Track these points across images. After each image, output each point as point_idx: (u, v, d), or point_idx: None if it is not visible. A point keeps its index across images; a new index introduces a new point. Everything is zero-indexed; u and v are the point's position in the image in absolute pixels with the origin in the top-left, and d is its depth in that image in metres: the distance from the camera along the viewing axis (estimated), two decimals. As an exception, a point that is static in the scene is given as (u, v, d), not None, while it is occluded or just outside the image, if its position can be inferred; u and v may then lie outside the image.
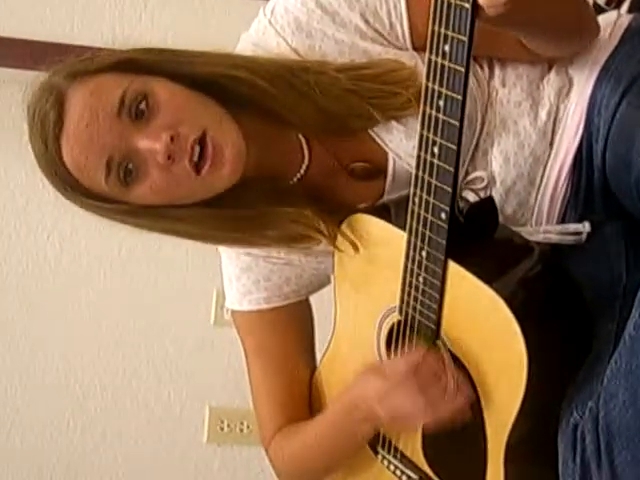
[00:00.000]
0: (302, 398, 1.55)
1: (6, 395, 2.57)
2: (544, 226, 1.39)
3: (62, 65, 1.32)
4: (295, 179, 1.42)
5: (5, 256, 2.52)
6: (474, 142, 1.36)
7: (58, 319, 2.56)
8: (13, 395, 2.57)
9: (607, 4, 1.67)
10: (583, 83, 1.38)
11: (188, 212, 1.36)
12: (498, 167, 1.37)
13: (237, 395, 2.49)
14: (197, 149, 1.28)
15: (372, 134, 1.38)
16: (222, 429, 2.63)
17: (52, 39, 2.24)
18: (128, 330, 2.59)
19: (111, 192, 1.30)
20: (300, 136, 1.41)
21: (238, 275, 1.52)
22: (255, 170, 1.37)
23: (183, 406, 2.63)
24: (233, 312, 1.56)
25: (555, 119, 1.38)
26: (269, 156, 1.40)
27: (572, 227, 1.38)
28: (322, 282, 1.54)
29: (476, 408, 1.28)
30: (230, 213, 1.38)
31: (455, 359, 1.28)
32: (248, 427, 2.60)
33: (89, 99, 1.28)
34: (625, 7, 1.64)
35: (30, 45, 2.24)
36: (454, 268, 1.22)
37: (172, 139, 1.26)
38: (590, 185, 1.38)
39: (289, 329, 1.54)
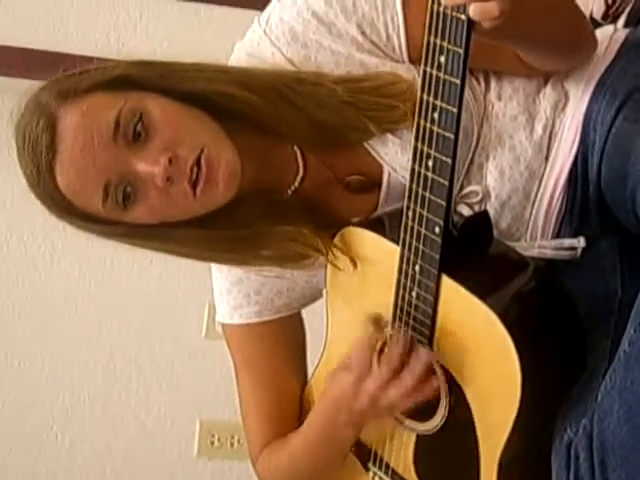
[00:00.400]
0: (292, 413, 1.53)
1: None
2: (539, 241, 1.38)
3: (51, 82, 1.30)
4: (289, 191, 1.41)
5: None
6: (469, 156, 1.35)
7: (48, 331, 2.54)
8: (1, 407, 2.55)
9: (603, 18, 1.67)
10: (579, 97, 1.38)
11: (182, 233, 1.35)
12: (493, 181, 1.36)
13: (228, 409, 2.47)
14: (195, 171, 1.27)
15: (367, 147, 1.37)
16: (213, 443, 2.62)
17: (46, 47, 2.23)
18: (119, 342, 2.57)
19: (107, 215, 1.29)
20: (295, 148, 1.40)
21: (229, 288, 1.51)
22: (250, 184, 1.36)
23: (174, 419, 2.62)
24: (224, 326, 1.55)
25: (551, 133, 1.37)
26: (264, 169, 1.38)
27: (567, 242, 1.37)
28: (314, 295, 1.53)
29: (469, 425, 1.26)
30: (225, 234, 1.37)
31: (447, 374, 1.27)
32: (239, 441, 2.59)
33: (82, 121, 1.25)
34: (621, 22, 1.64)
35: (24, 53, 2.23)
36: (448, 283, 1.21)
37: (170, 161, 1.25)
38: (585, 199, 1.37)
39: (280, 343, 1.53)
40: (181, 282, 2.52)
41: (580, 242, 1.36)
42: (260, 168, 1.37)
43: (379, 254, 1.33)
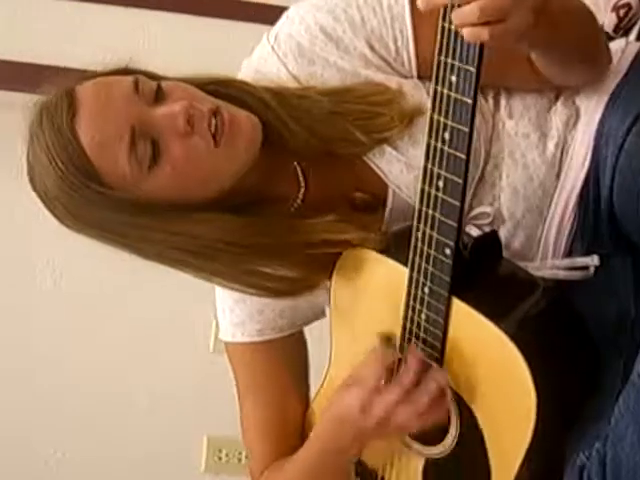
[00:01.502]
0: (294, 434, 1.51)
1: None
2: (551, 261, 1.36)
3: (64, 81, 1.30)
4: (293, 208, 1.39)
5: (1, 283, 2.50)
6: (477, 176, 1.34)
7: (55, 346, 2.54)
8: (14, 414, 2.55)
9: (614, 32, 1.65)
10: (590, 113, 1.36)
11: (204, 215, 1.31)
12: (507, 200, 1.34)
13: (236, 425, 2.44)
14: (214, 121, 1.26)
15: (370, 164, 1.36)
16: (220, 459, 2.62)
17: (50, 62, 2.23)
18: (126, 357, 2.56)
19: (132, 175, 1.25)
20: (295, 164, 1.38)
21: (231, 306, 1.49)
22: (253, 196, 1.35)
23: (181, 435, 2.60)
24: (226, 344, 1.54)
25: (563, 150, 1.36)
26: (265, 181, 1.37)
27: (580, 261, 1.35)
28: (317, 314, 1.51)
29: (480, 448, 1.25)
30: (246, 222, 1.34)
31: (458, 397, 1.25)
32: (247, 457, 2.54)
33: (102, 84, 1.27)
34: (633, 35, 1.62)
35: (24, 67, 2.24)
36: (458, 305, 1.20)
37: (190, 106, 1.25)
38: (597, 217, 1.36)
39: (282, 362, 1.52)
40: (188, 296, 2.49)
41: (594, 260, 1.34)
42: (261, 180, 1.36)
43: (385, 275, 1.31)
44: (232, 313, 1.50)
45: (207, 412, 2.56)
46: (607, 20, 1.64)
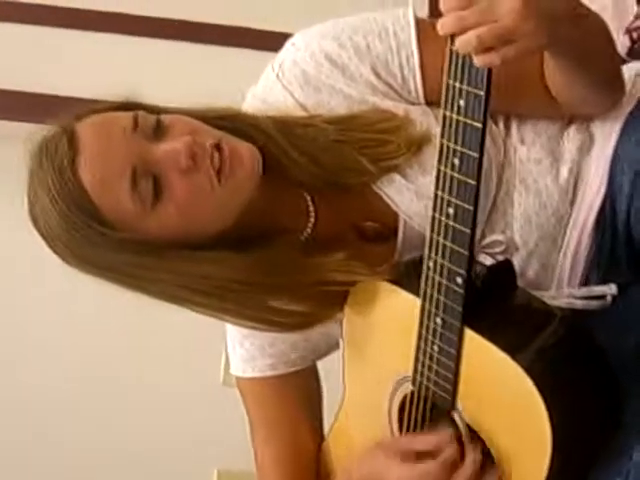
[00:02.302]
0: (308, 469, 1.50)
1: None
2: (567, 289, 1.34)
3: (62, 115, 1.29)
4: (303, 238, 1.36)
5: (8, 313, 2.50)
6: (489, 203, 1.32)
7: (65, 375, 2.53)
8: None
9: (628, 55, 1.63)
10: (605, 138, 1.34)
11: (211, 254, 1.28)
12: (520, 228, 1.32)
13: (246, 458, 2.41)
14: (216, 154, 1.24)
15: (380, 193, 1.34)
16: (230, 493, 2.59)
17: (48, 91, 2.23)
18: (134, 389, 2.56)
19: (134, 214, 1.23)
20: (305, 194, 1.36)
21: (241, 340, 1.47)
22: (262, 227, 1.33)
23: (191, 469, 2.59)
24: (237, 379, 1.52)
25: (577, 176, 1.33)
26: (275, 212, 1.35)
27: (597, 290, 1.33)
28: (330, 347, 1.49)
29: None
30: (254, 260, 1.31)
31: (471, 430, 1.23)
32: (257, 491, 2.54)
33: (101, 124, 1.25)
34: (647, 59, 1.60)
35: (22, 97, 2.24)
36: (471, 336, 1.17)
37: (192, 142, 1.23)
38: (614, 245, 1.33)
39: (295, 397, 1.49)
40: (197, 327, 2.47)
41: (611, 289, 1.32)
42: (268, 211, 1.33)
43: (397, 306, 1.28)
44: (242, 347, 1.48)
45: (217, 446, 2.56)
46: (620, 43, 1.63)
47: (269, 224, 1.34)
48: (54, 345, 2.52)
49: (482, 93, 1.03)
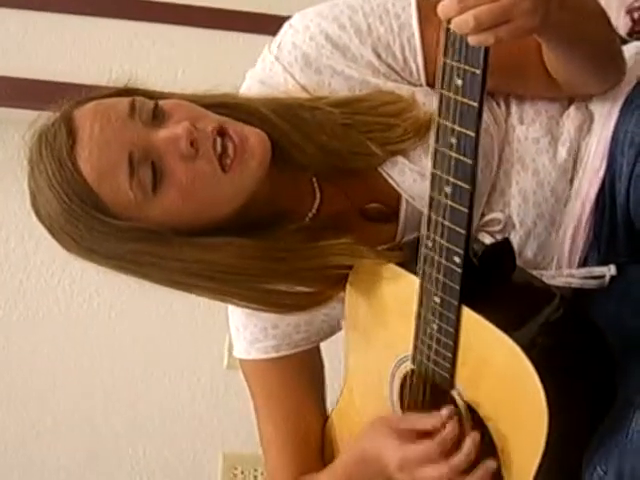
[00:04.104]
0: (314, 448, 1.50)
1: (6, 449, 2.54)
2: (567, 270, 1.34)
3: (61, 102, 1.28)
4: (307, 219, 1.36)
5: (15, 300, 2.50)
6: (490, 182, 1.32)
7: (68, 363, 2.53)
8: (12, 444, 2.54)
9: (629, 35, 1.62)
10: (604, 118, 1.34)
11: (217, 240, 1.28)
12: (517, 207, 1.32)
13: (251, 441, 2.42)
14: (219, 140, 1.22)
15: (383, 174, 1.34)
16: (236, 476, 2.60)
17: (59, 78, 2.23)
18: (139, 375, 2.56)
19: (135, 201, 1.22)
20: (311, 177, 1.36)
21: (245, 322, 1.47)
22: (267, 209, 1.33)
23: (196, 453, 2.59)
24: (241, 361, 1.52)
25: (576, 156, 1.34)
26: (280, 195, 1.34)
27: (597, 270, 1.33)
28: (333, 328, 1.49)
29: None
30: (261, 246, 1.31)
31: (470, 409, 1.24)
32: (262, 474, 2.58)
33: (98, 108, 1.23)
34: (648, 39, 1.60)
35: (38, 85, 2.23)
36: (469, 315, 1.17)
37: (193, 127, 1.21)
38: (613, 225, 1.33)
39: (299, 378, 1.49)
40: (201, 312, 2.50)
41: (611, 270, 1.32)
42: (273, 195, 1.33)
43: (397, 285, 1.29)
44: (246, 330, 1.48)
45: (222, 429, 2.57)
46: (621, 24, 1.62)
47: (273, 208, 1.34)
48: (57, 332, 2.52)
49: (479, 72, 1.02)
